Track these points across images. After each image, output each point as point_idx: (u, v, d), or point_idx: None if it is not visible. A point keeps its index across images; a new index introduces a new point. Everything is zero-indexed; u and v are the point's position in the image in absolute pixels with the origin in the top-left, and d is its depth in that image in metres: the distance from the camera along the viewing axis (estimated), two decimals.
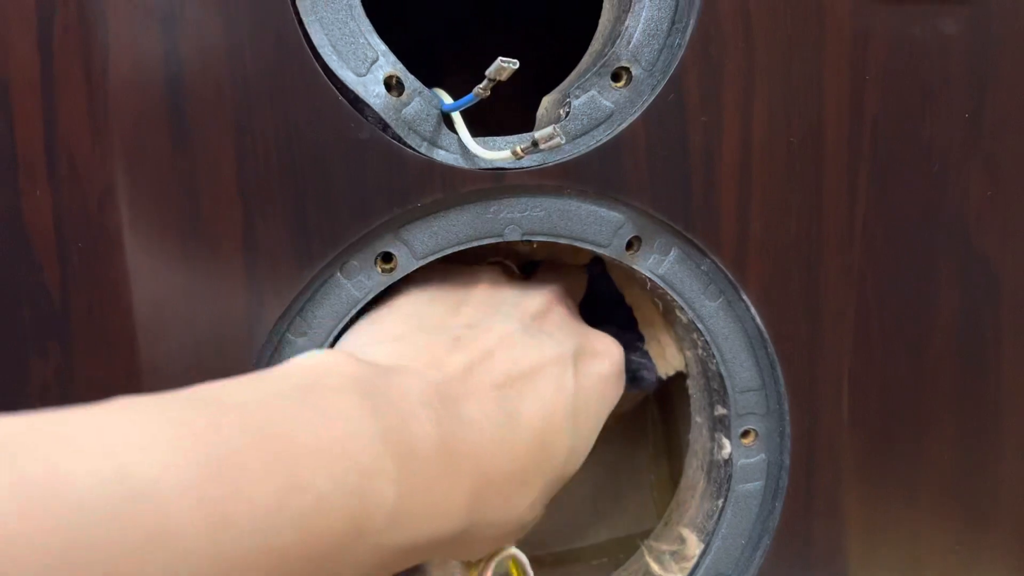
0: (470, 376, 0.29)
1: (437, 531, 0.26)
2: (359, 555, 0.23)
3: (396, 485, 0.24)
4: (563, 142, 0.30)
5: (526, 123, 0.34)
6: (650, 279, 0.34)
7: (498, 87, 0.29)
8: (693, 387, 0.39)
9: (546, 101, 0.34)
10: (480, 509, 0.28)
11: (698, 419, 0.39)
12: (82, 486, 0.18)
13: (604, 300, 0.39)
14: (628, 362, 0.39)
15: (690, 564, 0.37)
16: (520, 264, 0.38)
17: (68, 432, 0.20)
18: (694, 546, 0.37)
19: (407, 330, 0.31)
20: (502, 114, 0.35)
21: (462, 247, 0.33)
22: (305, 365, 0.26)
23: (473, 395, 0.29)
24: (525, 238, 0.33)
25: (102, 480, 0.19)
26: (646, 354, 0.39)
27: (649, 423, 0.48)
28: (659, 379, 0.39)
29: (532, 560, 0.40)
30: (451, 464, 0.27)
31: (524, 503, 0.30)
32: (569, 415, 0.31)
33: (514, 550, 0.37)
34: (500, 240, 0.33)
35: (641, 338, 0.39)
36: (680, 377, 0.40)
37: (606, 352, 0.33)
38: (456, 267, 0.35)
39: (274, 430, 0.22)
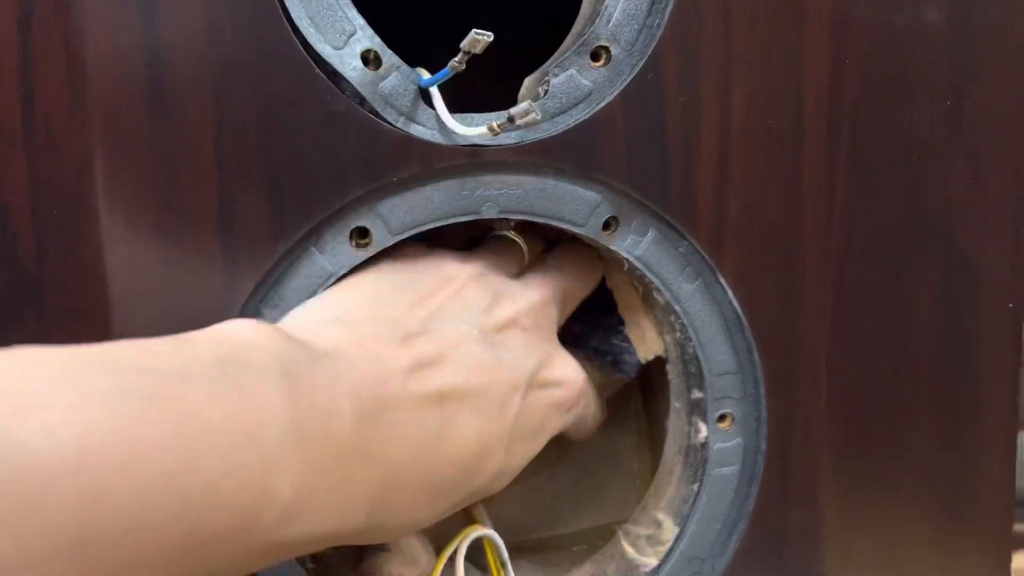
0: (410, 379, 0.28)
1: (331, 530, 0.25)
2: (243, 547, 0.22)
3: (296, 482, 0.23)
4: (539, 118, 0.30)
5: None
6: (627, 260, 0.35)
7: (503, 78, 0.29)
8: (672, 372, 0.39)
9: (527, 81, 0.34)
10: (383, 513, 0.27)
11: (677, 404, 0.39)
12: None
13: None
14: (610, 346, 0.39)
15: (665, 548, 0.37)
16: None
17: None
18: (669, 530, 0.37)
19: (359, 315, 0.30)
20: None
21: (439, 224, 0.33)
22: (232, 335, 0.25)
23: (408, 400, 0.27)
24: (502, 216, 0.33)
25: None
26: (627, 338, 0.39)
27: (633, 412, 0.48)
28: (639, 364, 0.39)
29: (511, 546, 0.40)
30: (362, 466, 0.25)
31: (431, 512, 0.29)
32: (505, 442, 0.30)
33: (489, 531, 0.37)
34: (477, 217, 0.33)
35: (622, 321, 0.39)
36: (663, 366, 0.40)
37: (563, 380, 0.33)
38: (447, 251, 0.34)
39: (179, 404, 0.21)
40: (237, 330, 0.25)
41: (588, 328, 0.40)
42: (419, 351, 0.29)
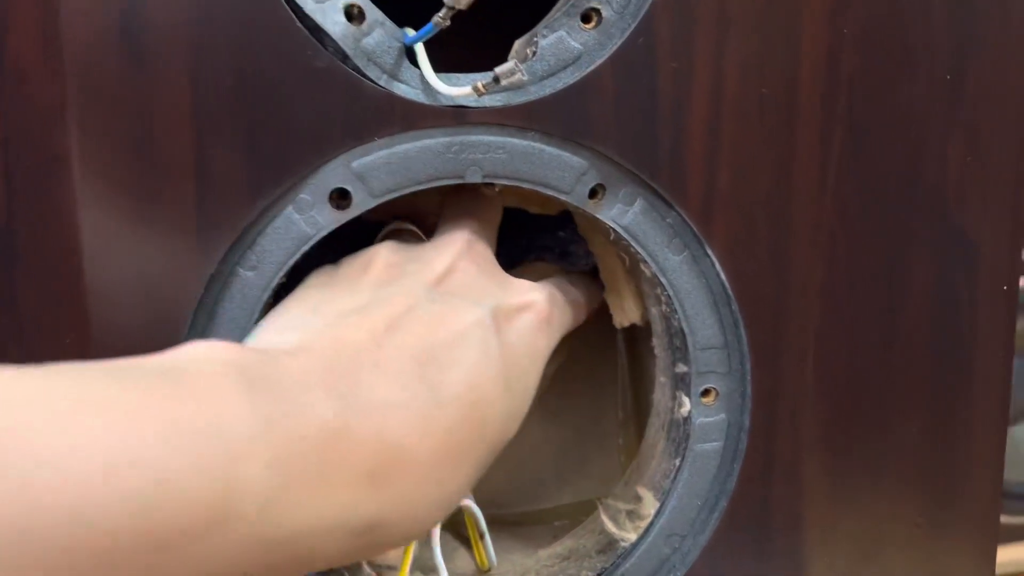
0: (380, 349, 0.27)
1: (330, 523, 0.24)
2: (224, 545, 0.22)
3: (271, 471, 0.23)
4: (525, 79, 0.30)
5: None
6: (613, 229, 0.34)
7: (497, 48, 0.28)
8: (658, 345, 0.38)
9: (517, 44, 0.33)
10: (396, 496, 0.26)
11: (662, 378, 0.38)
12: None
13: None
14: (555, 240, 0.39)
15: (645, 523, 0.37)
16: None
17: None
18: (650, 505, 0.37)
19: (306, 318, 0.29)
20: None
21: (421, 187, 0.32)
22: (177, 354, 0.25)
23: (388, 371, 0.27)
24: (486, 180, 0.33)
25: None
26: (574, 232, 0.38)
27: (619, 388, 0.48)
28: (589, 255, 0.39)
29: (493, 519, 0.40)
30: (353, 447, 0.25)
31: (458, 481, 0.28)
32: (500, 379, 0.29)
33: (467, 501, 0.37)
34: (461, 181, 0.32)
35: (565, 220, 0.38)
36: (651, 340, 0.39)
37: (528, 304, 0.32)
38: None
39: (128, 402, 0.21)
40: (186, 348, 0.25)
41: (534, 235, 0.41)
42: (378, 320, 0.28)
